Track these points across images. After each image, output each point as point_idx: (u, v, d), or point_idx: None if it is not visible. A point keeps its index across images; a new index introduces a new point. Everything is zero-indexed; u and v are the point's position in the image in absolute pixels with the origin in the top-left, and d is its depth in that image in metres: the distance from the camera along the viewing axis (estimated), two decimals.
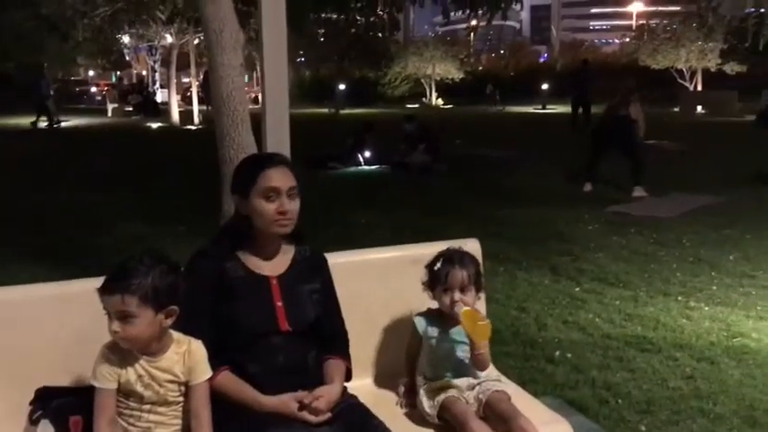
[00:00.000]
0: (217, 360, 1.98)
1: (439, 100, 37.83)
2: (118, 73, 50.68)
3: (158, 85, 39.68)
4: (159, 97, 35.76)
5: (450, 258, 2.31)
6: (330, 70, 39.51)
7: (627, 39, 39.89)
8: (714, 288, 5.17)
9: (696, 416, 3.23)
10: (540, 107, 31.33)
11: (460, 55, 40.45)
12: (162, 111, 28.03)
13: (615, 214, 7.96)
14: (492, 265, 5.35)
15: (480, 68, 44.25)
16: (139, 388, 1.84)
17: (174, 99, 24.65)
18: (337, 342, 2.25)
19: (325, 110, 30.39)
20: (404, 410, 2.36)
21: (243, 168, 2.20)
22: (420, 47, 39.04)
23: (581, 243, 6.57)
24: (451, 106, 35.61)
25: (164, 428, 1.89)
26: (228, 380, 2.01)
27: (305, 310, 2.14)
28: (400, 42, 43.98)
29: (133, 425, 1.87)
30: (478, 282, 2.33)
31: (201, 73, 25.11)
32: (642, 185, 9.09)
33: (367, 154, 12.35)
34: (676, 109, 26.19)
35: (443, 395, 2.23)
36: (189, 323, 1.93)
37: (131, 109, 30.75)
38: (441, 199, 9.20)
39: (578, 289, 5.19)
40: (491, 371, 2.38)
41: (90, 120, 26.44)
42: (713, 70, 29.45)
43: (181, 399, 1.90)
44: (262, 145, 3.99)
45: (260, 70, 3.90)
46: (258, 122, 4.00)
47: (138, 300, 1.77)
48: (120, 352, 1.83)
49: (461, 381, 2.29)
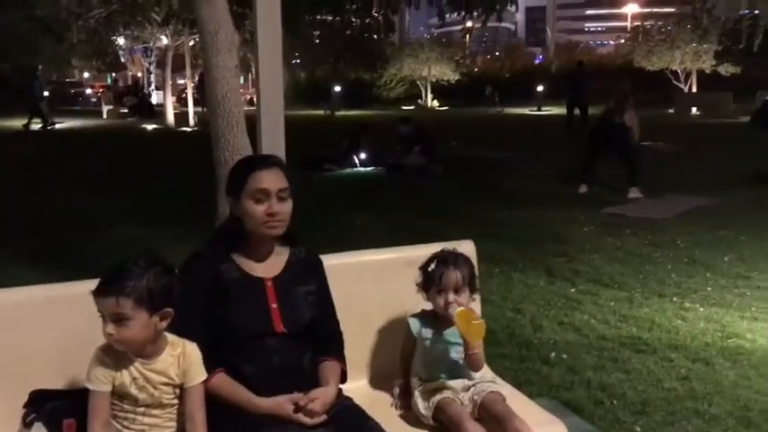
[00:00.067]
0: (212, 362, 1.97)
1: (434, 102, 37.78)
2: (113, 75, 50.66)
3: (153, 87, 39.55)
4: (154, 99, 35.63)
5: (444, 260, 2.31)
6: (325, 72, 39.44)
7: (622, 40, 40.00)
8: (709, 289, 5.19)
9: (691, 417, 3.23)
10: (536, 109, 31.32)
11: (456, 57, 40.38)
12: (157, 112, 27.99)
13: (610, 215, 7.97)
14: (487, 267, 5.35)
15: (476, 70, 44.20)
16: (134, 390, 1.84)
17: (170, 101, 24.57)
18: (332, 344, 2.25)
19: (320, 111, 30.33)
20: (399, 412, 2.36)
21: (236, 170, 2.20)
22: (415, 48, 38.96)
23: (576, 244, 6.58)
24: (447, 108, 35.59)
25: (158, 431, 1.88)
26: (223, 382, 2.01)
27: (300, 312, 2.14)
28: (395, 44, 43.93)
29: (128, 427, 1.86)
30: (473, 283, 2.33)
31: (197, 75, 25.05)
32: (637, 187, 9.11)
33: (362, 156, 12.34)
34: (671, 110, 26.19)
35: (438, 396, 2.23)
36: (184, 325, 1.93)
37: (126, 111, 30.75)
38: (436, 201, 9.21)
39: (574, 290, 5.20)
40: (486, 372, 2.39)
41: (85, 121, 26.38)
42: (708, 72, 29.46)
43: (175, 401, 1.89)
44: (257, 147, 4.00)
45: (255, 72, 3.91)
46: (253, 124, 4.01)
47: (133, 302, 1.77)
48: (114, 354, 1.83)
49: (456, 382, 2.30)
